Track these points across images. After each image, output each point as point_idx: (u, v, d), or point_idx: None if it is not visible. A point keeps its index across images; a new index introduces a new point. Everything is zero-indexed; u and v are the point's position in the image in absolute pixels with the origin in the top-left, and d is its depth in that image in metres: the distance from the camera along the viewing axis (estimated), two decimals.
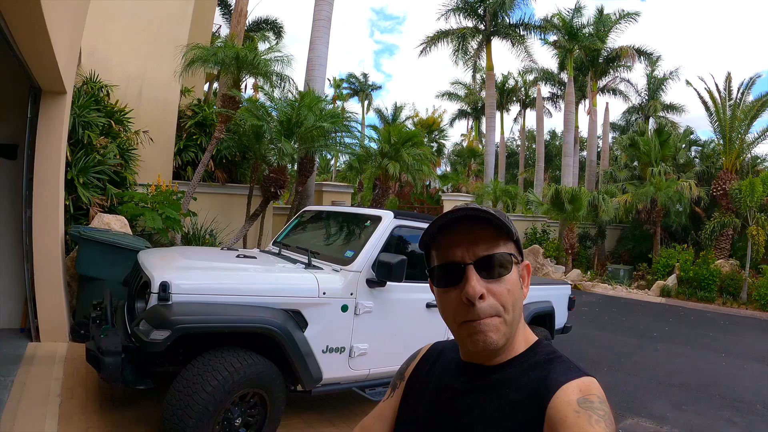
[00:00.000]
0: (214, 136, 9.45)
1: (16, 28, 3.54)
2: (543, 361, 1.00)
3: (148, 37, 10.13)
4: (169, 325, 3.10)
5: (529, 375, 0.98)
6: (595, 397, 0.88)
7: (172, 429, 3.07)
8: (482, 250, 0.98)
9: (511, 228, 1.01)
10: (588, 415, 0.84)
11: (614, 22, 25.16)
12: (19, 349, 5.32)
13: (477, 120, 38.49)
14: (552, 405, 0.88)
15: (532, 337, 1.08)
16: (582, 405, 0.86)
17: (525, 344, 1.05)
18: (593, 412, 0.85)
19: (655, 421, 5.46)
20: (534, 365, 1.00)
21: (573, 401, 0.87)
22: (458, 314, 0.98)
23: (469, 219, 1.00)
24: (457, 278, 0.98)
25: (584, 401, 0.87)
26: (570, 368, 0.97)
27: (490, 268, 0.98)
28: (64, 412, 4.02)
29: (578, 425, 0.83)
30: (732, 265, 16.55)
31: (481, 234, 0.99)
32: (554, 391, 0.90)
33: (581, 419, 0.83)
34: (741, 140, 18.52)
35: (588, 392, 0.89)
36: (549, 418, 0.87)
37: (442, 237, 1.02)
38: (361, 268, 4.11)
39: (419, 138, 14.06)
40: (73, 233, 5.85)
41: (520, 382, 0.97)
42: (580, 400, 0.87)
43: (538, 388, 0.93)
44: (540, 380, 0.95)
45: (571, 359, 1.02)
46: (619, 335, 9.93)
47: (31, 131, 5.48)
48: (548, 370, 0.97)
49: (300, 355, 3.63)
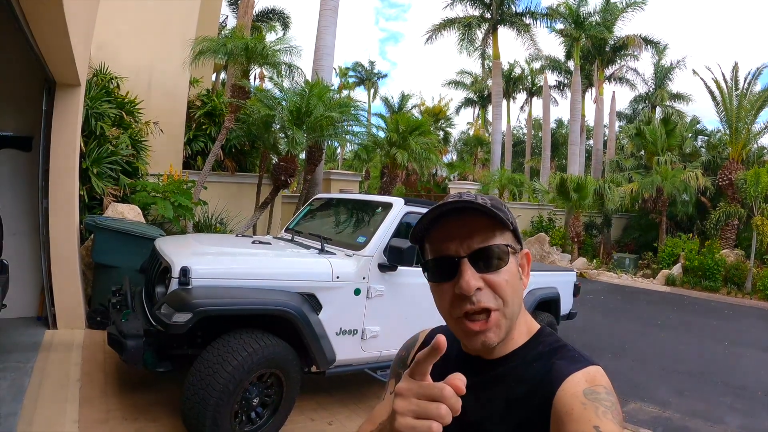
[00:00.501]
0: (224, 125, 9.54)
1: (35, 22, 3.61)
2: (547, 351, 0.99)
3: (156, 28, 10.19)
4: (190, 308, 3.22)
5: (534, 367, 0.96)
6: (601, 387, 0.88)
7: (194, 407, 3.19)
8: (477, 242, 0.94)
9: (507, 217, 0.97)
10: (595, 406, 0.84)
11: (621, 10, 25.02)
12: (37, 336, 5.43)
13: (483, 108, 38.43)
14: (558, 397, 0.87)
15: (534, 326, 1.06)
16: (588, 396, 0.85)
17: (527, 334, 1.03)
18: (600, 404, 0.84)
19: (658, 406, 5.57)
20: (538, 356, 0.98)
21: (579, 393, 0.86)
22: (454, 308, 0.95)
23: (462, 210, 0.96)
24: (451, 272, 0.94)
25: (591, 392, 0.86)
26: (575, 358, 0.95)
27: (486, 261, 0.94)
28: (84, 396, 4.12)
29: (585, 417, 0.82)
30: (737, 255, 16.55)
31: (475, 225, 0.95)
32: (560, 383, 0.89)
33: (588, 411, 0.83)
34: (747, 130, 18.44)
35: (594, 382, 0.89)
36: (555, 410, 0.87)
37: (434, 230, 0.98)
38: (373, 253, 4.21)
39: (426, 126, 14.11)
40: (89, 222, 5.96)
41: (525, 374, 0.96)
42: (586, 391, 0.86)
43: (544, 381, 0.92)
44: (545, 372, 0.94)
45: (575, 347, 1.00)
46: (624, 323, 10.02)
47: (46, 123, 5.58)
48: (553, 360, 0.95)
49: (315, 337, 3.74)
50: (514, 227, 0.99)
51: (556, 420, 0.86)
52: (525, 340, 1.02)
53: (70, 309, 5.77)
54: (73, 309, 5.80)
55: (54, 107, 5.57)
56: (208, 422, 3.15)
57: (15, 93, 5.95)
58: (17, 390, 4.06)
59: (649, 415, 5.29)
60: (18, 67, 5.78)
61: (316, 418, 4.28)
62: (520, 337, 1.02)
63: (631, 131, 23.71)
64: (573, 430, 0.82)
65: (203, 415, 3.15)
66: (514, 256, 0.98)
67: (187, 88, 10.86)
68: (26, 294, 6.02)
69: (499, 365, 1.00)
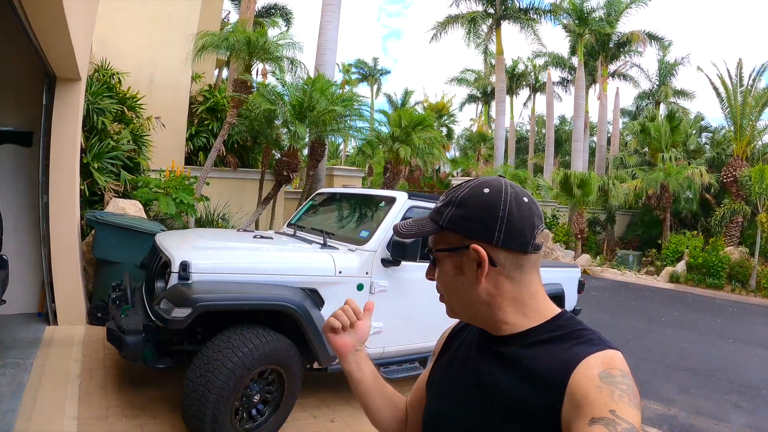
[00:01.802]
0: (227, 121, 9.51)
1: (34, 15, 3.58)
2: (566, 333, 0.97)
3: (158, 23, 10.17)
4: (190, 303, 3.18)
5: (551, 347, 0.95)
6: (617, 371, 0.86)
7: (194, 403, 3.15)
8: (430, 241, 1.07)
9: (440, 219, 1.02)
10: (610, 390, 0.82)
11: (625, 6, 24.93)
12: (37, 332, 5.40)
13: (487, 105, 38.31)
14: (573, 380, 0.86)
15: (551, 311, 1.03)
16: (604, 380, 0.84)
17: (540, 317, 1.01)
18: (616, 387, 0.83)
19: (663, 403, 5.53)
20: (556, 338, 0.97)
21: (595, 375, 0.85)
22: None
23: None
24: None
25: (607, 375, 0.85)
26: (593, 341, 0.93)
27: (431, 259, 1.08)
28: (84, 392, 4.09)
29: (601, 401, 0.81)
30: (741, 252, 16.47)
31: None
32: (576, 365, 0.88)
33: (603, 394, 0.82)
34: (752, 127, 18.40)
35: (610, 366, 0.87)
36: (570, 392, 0.85)
37: None
38: (376, 247, 4.16)
39: (429, 122, 14.06)
40: (90, 217, 5.93)
41: (541, 354, 0.95)
42: (602, 374, 0.85)
43: (559, 361, 0.91)
44: (561, 353, 0.92)
45: (595, 331, 0.98)
46: (628, 320, 9.96)
47: (46, 118, 5.55)
48: (570, 343, 0.94)
49: (317, 333, 3.68)
50: (448, 227, 1.00)
51: (570, 402, 0.85)
52: (540, 322, 1.00)
53: (70, 305, 5.74)
54: (74, 305, 5.77)
55: (54, 102, 5.53)
56: (208, 419, 3.11)
57: (15, 88, 5.92)
58: (16, 386, 4.03)
59: (654, 412, 5.25)
60: (18, 62, 5.74)
61: (319, 415, 4.25)
62: (521, 322, 1.01)
63: (635, 128, 23.62)
64: (588, 414, 0.81)
65: (203, 412, 3.11)
66: (451, 256, 1.02)
67: (189, 84, 10.83)
68: (27, 290, 6.00)
69: (513, 344, 1.00)
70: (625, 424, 0.79)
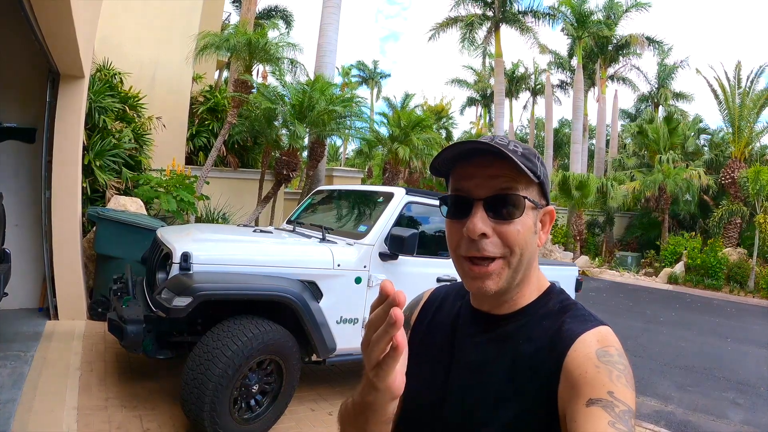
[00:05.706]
0: (227, 121, 9.54)
1: (40, 11, 3.63)
2: (556, 309, 0.97)
3: (160, 23, 10.21)
4: (190, 293, 3.22)
5: (543, 325, 0.94)
6: (613, 349, 0.86)
7: (193, 391, 3.19)
8: (496, 188, 0.91)
9: (535, 170, 0.93)
10: (608, 370, 0.82)
11: (624, 9, 24.98)
12: (38, 327, 5.45)
13: (486, 107, 38.32)
14: (570, 358, 0.85)
15: (545, 283, 1.02)
16: (602, 359, 0.83)
17: (538, 291, 1.00)
18: (613, 367, 0.82)
19: (661, 400, 5.57)
20: (547, 314, 0.96)
21: (592, 354, 0.84)
22: (460, 247, 0.94)
23: (488, 153, 0.92)
24: (465, 212, 0.93)
25: (604, 354, 0.84)
26: (585, 317, 0.93)
27: (500, 208, 0.91)
28: (83, 384, 4.14)
29: (599, 381, 0.80)
30: (739, 253, 16.54)
31: (499, 171, 0.92)
32: (571, 343, 0.87)
33: (602, 374, 0.81)
34: (750, 129, 18.49)
35: (606, 343, 0.87)
36: (567, 371, 0.84)
37: (459, 165, 0.97)
38: (374, 241, 4.20)
39: (428, 122, 14.18)
40: (91, 213, 5.97)
41: (534, 332, 0.94)
42: (599, 352, 0.84)
43: (554, 340, 0.90)
44: (555, 331, 0.91)
45: (584, 306, 0.98)
46: (627, 320, 10.01)
47: (49, 115, 5.61)
48: (562, 319, 0.93)
49: (315, 324, 3.74)
50: (540, 181, 0.95)
51: (567, 380, 0.84)
52: (536, 297, 0.99)
53: (71, 300, 5.79)
54: (75, 300, 5.82)
55: (58, 99, 5.59)
56: (206, 407, 3.15)
57: (19, 84, 5.98)
58: (17, 377, 4.08)
59: (651, 409, 5.29)
60: (22, 59, 5.80)
61: (317, 408, 4.29)
62: (531, 294, 0.99)
63: (633, 130, 23.76)
64: (586, 394, 0.80)
65: (202, 400, 3.14)
66: (534, 210, 0.95)
67: (190, 84, 10.87)
68: (28, 285, 6.05)
69: (509, 322, 0.97)
70: (622, 406, 0.78)
